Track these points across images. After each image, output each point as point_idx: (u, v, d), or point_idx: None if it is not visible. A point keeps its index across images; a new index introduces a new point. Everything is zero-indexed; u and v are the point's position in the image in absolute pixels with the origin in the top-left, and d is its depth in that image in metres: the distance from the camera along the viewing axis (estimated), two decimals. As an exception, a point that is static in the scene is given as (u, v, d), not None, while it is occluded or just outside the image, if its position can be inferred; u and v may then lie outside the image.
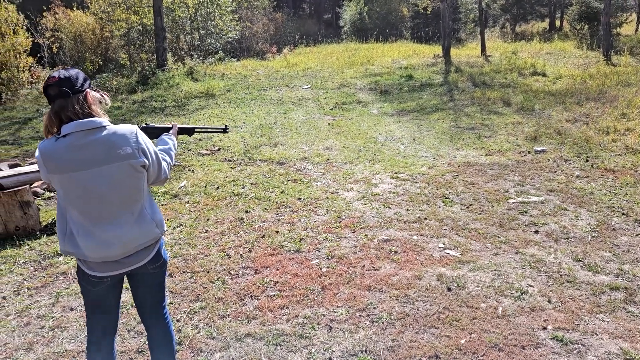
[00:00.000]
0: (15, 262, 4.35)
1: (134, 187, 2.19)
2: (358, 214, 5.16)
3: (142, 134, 2.21)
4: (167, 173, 2.36)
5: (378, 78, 15.89)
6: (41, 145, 2.10)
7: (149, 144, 2.23)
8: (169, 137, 2.58)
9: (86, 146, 2.06)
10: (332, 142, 8.47)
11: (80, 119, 2.07)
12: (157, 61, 17.63)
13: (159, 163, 2.28)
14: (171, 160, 2.46)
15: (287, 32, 31.03)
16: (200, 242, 4.61)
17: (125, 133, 2.13)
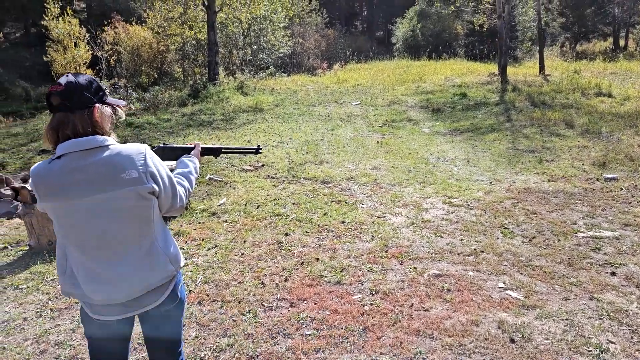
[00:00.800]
0: (44, 279, 4.17)
1: (142, 218, 1.87)
2: (406, 243, 4.71)
3: (152, 155, 1.89)
4: (183, 200, 2.03)
5: (430, 96, 15.37)
6: (33, 168, 1.82)
7: (161, 166, 1.91)
8: (189, 159, 2.26)
9: (84, 169, 1.75)
10: (380, 162, 8.05)
11: (79, 138, 1.78)
12: (208, 75, 17.81)
13: (173, 189, 1.95)
14: (190, 185, 2.13)
15: (339, 48, 30.95)
16: (235, 266, 4.29)
17: (130, 154, 1.81)
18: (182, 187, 2.06)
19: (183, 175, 2.14)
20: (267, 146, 9.24)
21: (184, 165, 2.21)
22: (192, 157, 2.28)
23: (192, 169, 2.21)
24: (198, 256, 4.52)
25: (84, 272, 1.85)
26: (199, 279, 4.05)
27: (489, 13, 22.25)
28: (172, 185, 1.95)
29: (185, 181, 2.11)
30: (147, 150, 1.88)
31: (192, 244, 4.82)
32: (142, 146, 1.88)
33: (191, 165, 2.22)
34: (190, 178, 2.16)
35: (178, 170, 2.17)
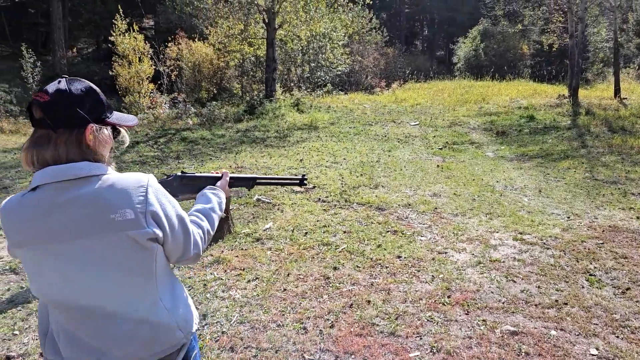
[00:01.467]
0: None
1: (141, 272, 1.42)
2: (473, 287, 4.08)
3: (158, 189, 1.44)
4: (199, 247, 1.57)
5: (494, 118, 14.53)
6: (3, 203, 1.41)
7: (169, 203, 1.46)
8: (213, 192, 1.80)
9: (64, 207, 1.33)
10: (440, 188, 7.41)
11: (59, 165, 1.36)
12: (265, 91, 17.73)
13: (185, 233, 1.50)
14: (212, 226, 1.67)
15: (398, 67, 30.41)
16: (276, 304, 3.81)
17: (127, 187, 1.37)
18: (200, 228, 1.61)
19: (202, 213, 1.68)
20: (320, 166, 8.80)
21: (205, 200, 1.75)
22: (216, 189, 1.82)
23: (216, 204, 1.75)
24: (237, 289, 4.08)
25: (64, 336, 1.43)
26: (234, 317, 3.60)
27: (559, 32, 21.09)
28: (184, 228, 1.50)
29: (205, 221, 1.66)
30: (150, 182, 1.43)
31: (232, 274, 4.39)
32: (145, 176, 1.44)
33: (214, 199, 1.76)
34: (212, 217, 1.70)
35: (197, 206, 1.72)
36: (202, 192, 1.79)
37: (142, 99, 18.41)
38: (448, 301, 3.82)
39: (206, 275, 4.35)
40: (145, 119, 16.19)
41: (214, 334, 3.39)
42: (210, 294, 4.00)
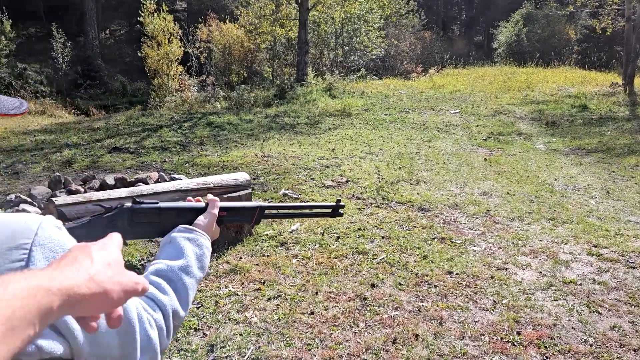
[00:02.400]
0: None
1: None
2: (548, 320, 3.26)
3: (57, 249, 0.71)
4: (155, 350, 0.83)
5: (542, 106, 13.42)
6: None
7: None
8: (189, 236, 1.04)
9: None
10: (491, 185, 6.55)
11: None
12: (297, 75, 16.97)
13: (123, 334, 0.77)
14: (182, 303, 0.92)
15: (435, 52, 29.18)
16: (300, 333, 3.08)
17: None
18: (160, 311, 0.88)
19: (165, 279, 0.93)
20: (354, 157, 8.01)
21: (173, 252, 1.00)
22: (195, 231, 1.06)
23: (192, 259, 0.99)
24: (254, 309, 3.37)
25: None
26: (249, 350, 2.89)
27: (614, 15, 19.56)
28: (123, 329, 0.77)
29: (168, 295, 0.91)
30: (40, 234, 0.70)
31: (250, 287, 3.68)
32: (34, 220, 0.72)
33: (189, 250, 1.00)
34: (184, 284, 0.95)
35: (156, 264, 0.97)
36: (169, 237, 1.04)
37: (170, 81, 17.93)
38: (518, 340, 3.02)
39: (219, 289, 3.65)
40: (172, 102, 15.68)
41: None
42: (223, 314, 3.30)
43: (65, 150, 8.41)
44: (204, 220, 1.10)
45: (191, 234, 1.05)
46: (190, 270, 0.97)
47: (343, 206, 1.34)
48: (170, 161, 7.77)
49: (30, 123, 11.92)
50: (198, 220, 1.10)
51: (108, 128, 10.67)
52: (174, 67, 17.90)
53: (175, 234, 1.04)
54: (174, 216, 1.10)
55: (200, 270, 1.01)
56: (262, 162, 7.71)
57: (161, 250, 1.02)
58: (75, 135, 9.71)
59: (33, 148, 8.55)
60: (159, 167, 7.37)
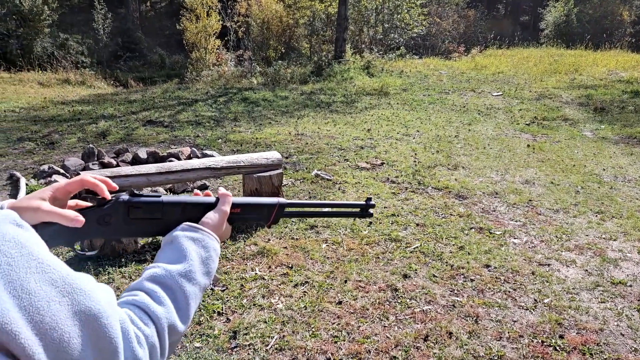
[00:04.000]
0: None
1: None
2: (594, 324, 3.02)
3: (18, 249, 0.57)
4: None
5: (591, 91, 12.75)
6: None
7: (44, 286, 0.57)
8: (193, 236, 0.89)
9: None
10: (533, 173, 6.22)
11: None
12: (334, 52, 16.64)
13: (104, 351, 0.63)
14: (181, 316, 0.77)
15: (478, 31, 28.16)
16: (327, 324, 2.95)
17: None
18: (152, 326, 0.73)
19: (163, 287, 0.78)
20: (390, 138, 7.76)
21: (173, 254, 0.84)
22: (200, 230, 0.90)
23: (196, 262, 0.84)
24: (280, 295, 3.25)
25: None
26: (273, 339, 2.77)
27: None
28: (95, 340, 0.62)
29: (165, 305, 0.75)
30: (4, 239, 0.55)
31: (277, 272, 3.56)
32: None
33: (194, 253, 0.85)
34: (185, 293, 0.79)
35: (153, 269, 0.82)
36: (171, 236, 0.89)
37: (208, 55, 17.90)
38: (561, 344, 2.80)
39: (246, 272, 3.55)
40: (209, 76, 15.64)
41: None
42: (248, 299, 3.19)
43: (101, 121, 8.45)
44: (212, 218, 0.95)
45: (197, 233, 0.89)
46: (193, 276, 0.82)
47: (373, 206, 1.16)
48: (204, 136, 7.70)
49: (70, 93, 12.08)
50: (206, 217, 0.95)
51: (144, 100, 10.69)
52: (211, 41, 17.85)
53: (177, 232, 0.89)
54: (179, 212, 0.94)
55: (205, 277, 0.85)
56: (296, 140, 7.55)
57: (161, 252, 0.87)
58: (111, 107, 9.76)
59: (70, 118, 8.62)
60: (192, 142, 7.31)
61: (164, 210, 0.93)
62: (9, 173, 5.55)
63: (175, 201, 0.94)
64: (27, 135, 7.42)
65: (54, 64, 16.10)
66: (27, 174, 5.57)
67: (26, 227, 0.61)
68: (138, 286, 0.78)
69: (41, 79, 13.82)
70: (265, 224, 1.07)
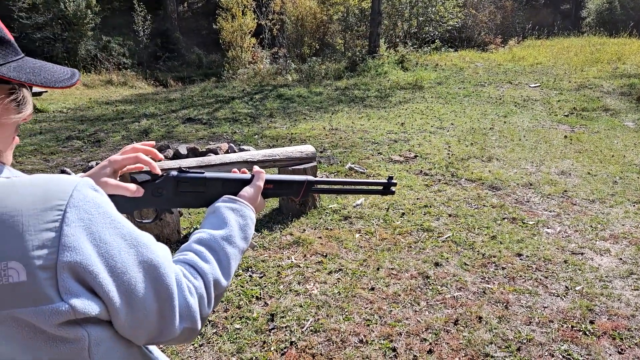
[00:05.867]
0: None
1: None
2: (626, 310, 3.04)
3: (92, 211, 0.71)
4: (195, 318, 0.83)
5: (634, 80, 12.37)
6: None
7: (117, 240, 0.73)
8: (233, 207, 1.04)
9: None
10: (570, 164, 6.16)
11: None
12: (369, 47, 16.67)
13: (161, 299, 0.78)
14: (224, 273, 0.92)
15: (516, 22, 27.55)
16: (360, 308, 3.08)
17: (20, 212, 0.66)
18: (200, 279, 0.87)
19: (208, 248, 0.92)
20: (423, 132, 7.80)
21: (216, 222, 1.00)
22: (239, 202, 1.06)
23: (236, 229, 0.99)
24: (315, 282, 3.40)
25: None
26: (308, 322, 2.92)
27: None
28: (157, 288, 0.77)
29: (210, 264, 0.90)
30: (76, 195, 0.70)
31: (312, 260, 3.71)
32: (69, 183, 0.71)
33: (233, 221, 1.00)
34: (227, 254, 0.94)
35: (200, 233, 0.97)
36: (213, 207, 1.05)
37: (243, 53, 18.21)
38: (591, 329, 2.84)
39: (282, 260, 3.71)
40: (245, 74, 15.94)
41: (281, 343, 2.74)
42: (284, 285, 3.35)
43: (143, 120, 8.80)
44: (249, 192, 1.10)
45: (235, 204, 1.05)
46: (233, 240, 0.97)
47: (395, 184, 1.28)
48: (240, 132, 7.93)
49: (113, 94, 12.58)
50: (243, 191, 1.10)
51: (183, 99, 11.04)
52: (247, 40, 18.16)
53: (219, 204, 1.05)
54: (219, 186, 1.10)
55: (243, 241, 1.00)
56: (330, 135, 7.69)
57: (205, 220, 1.03)
58: (152, 106, 10.13)
59: (114, 117, 9.02)
60: (229, 138, 7.54)
61: (206, 184, 1.09)
62: (60, 170, 5.90)
63: (216, 177, 1.11)
64: (74, 134, 7.82)
65: (98, 65, 16.75)
66: (76, 170, 5.91)
67: (101, 191, 0.76)
68: (188, 247, 0.93)
69: (86, 80, 14.43)
70: (295, 198, 1.20)
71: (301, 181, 1.19)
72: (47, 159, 6.54)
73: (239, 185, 1.11)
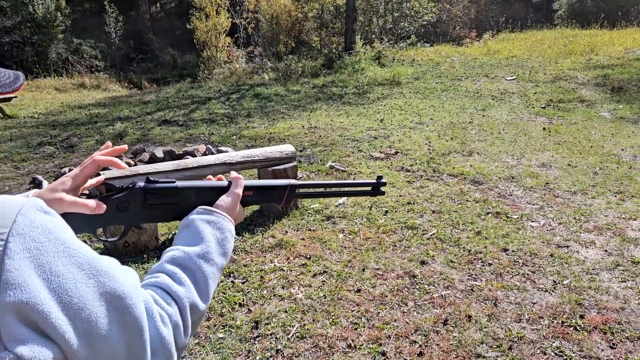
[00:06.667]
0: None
1: None
2: (615, 303, 3.01)
3: (41, 239, 0.60)
4: (169, 349, 0.72)
5: (607, 71, 12.54)
6: None
7: (73, 270, 0.63)
8: (209, 219, 0.93)
9: None
10: (550, 156, 6.17)
11: None
12: (345, 44, 16.60)
13: (129, 332, 0.67)
14: (201, 296, 0.81)
15: (490, 15, 27.81)
16: (347, 311, 2.99)
17: None
18: (175, 305, 0.77)
19: (182, 268, 0.82)
20: (403, 127, 7.76)
21: (190, 237, 0.89)
22: (215, 213, 0.95)
23: (213, 244, 0.88)
24: (300, 285, 3.30)
25: None
26: (294, 328, 2.82)
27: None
28: (124, 322, 0.66)
29: (186, 286, 0.79)
30: (19, 224, 0.59)
31: (296, 263, 3.61)
32: (10, 207, 0.60)
33: (210, 235, 0.89)
34: (204, 273, 0.84)
35: (172, 251, 0.86)
36: (187, 220, 0.94)
37: (219, 53, 17.99)
38: (581, 324, 2.80)
39: (265, 264, 3.60)
40: (220, 74, 15.73)
41: (267, 351, 2.64)
42: (268, 290, 3.25)
43: (118, 123, 8.58)
44: (226, 201, 0.99)
45: (211, 216, 0.94)
46: (211, 256, 0.86)
47: (384, 183, 1.18)
48: (218, 133, 7.77)
49: (86, 97, 12.27)
50: (220, 200, 1.00)
51: (158, 101, 10.81)
52: (222, 39, 17.94)
53: (193, 216, 0.93)
54: (193, 196, 0.99)
55: (222, 257, 0.90)
56: (309, 133, 7.58)
57: (178, 235, 0.92)
58: (127, 109, 9.90)
59: (87, 122, 8.77)
60: (207, 140, 7.39)
61: (178, 195, 0.98)
62: (32, 177, 5.68)
63: (189, 186, 0.99)
64: (46, 139, 7.57)
65: (69, 69, 16.34)
66: (48, 177, 5.70)
67: (53, 213, 0.65)
68: (159, 268, 0.82)
69: (57, 84, 14.06)
70: (278, 205, 1.10)
71: (283, 186, 1.09)
72: (18, 166, 6.31)
73: (215, 194, 1.00)
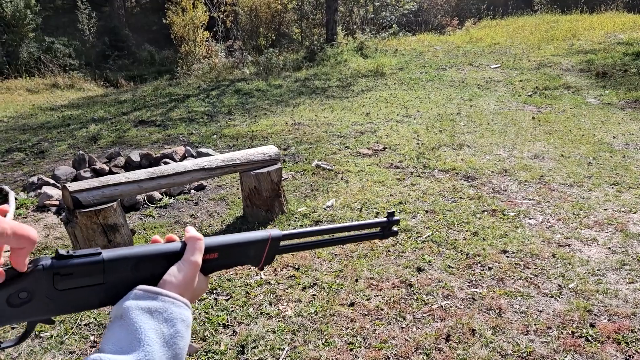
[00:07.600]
0: (76, 322, 2.97)
1: None
2: (626, 308, 2.82)
3: None
4: None
5: (591, 56, 12.44)
6: None
7: None
8: (154, 303, 0.64)
9: None
10: (542, 147, 5.99)
11: None
12: (326, 35, 16.31)
13: None
14: None
15: (471, 3, 27.66)
16: (340, 329, 2.75)
17: None
18: None
19: None
20: (390, 121, 7.52)
21: (125, 335, 0.60)
22: (160, 296, 0.65)
23: (156, 347, 0.59)
24: (288, 300, 3.06)
25: None
26: (284, 352, 2.58)
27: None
28: None
29: None
30: None
31: (283, 275, 3.37)
32: None
33: (150, 332, 0.60)
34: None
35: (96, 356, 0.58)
36: (120, 308, 0.65)
37: (197, 48, 17.56)
38: (593, 334, 2.60)
39: (250, 277, 3.35)
40: (200, 69, 15.34)
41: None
42: (254, 308, 3.00)
43: (92, 125, 8.21)
44: (176, 275, 0.70)
45: (155, 301, 0.65)
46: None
47: (398, 221, 0.93)
48: (198, 133, 7.46)
49: (59, 98, 11.82)
50: (168, 274, 0.70)
51: (135, 100, 10.43)
52: (200, 33, 17.51)
53: (129, 303, 0.64)
54: (128, 271, 0.70)
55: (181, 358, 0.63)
56: (293, 130, 7.32)
57: (108, 331, 0.62)
58: (101, 109, 9.51)
59: (59, 124, 8.38)
60: (186, 140, 7.08)
61: (107, 271, 0.68)
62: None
63: (122, 256, 0.70)
64: (15, 145, 7.19)
65: (42, 68, 15.79)
66: (16, 187, 5.36)
67: None
68: None
69: (29, 85, 13.54)
70: (255, 266, 0.83)
71: (262, 239, 0.81)
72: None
73: (162, 264, 0.72)
